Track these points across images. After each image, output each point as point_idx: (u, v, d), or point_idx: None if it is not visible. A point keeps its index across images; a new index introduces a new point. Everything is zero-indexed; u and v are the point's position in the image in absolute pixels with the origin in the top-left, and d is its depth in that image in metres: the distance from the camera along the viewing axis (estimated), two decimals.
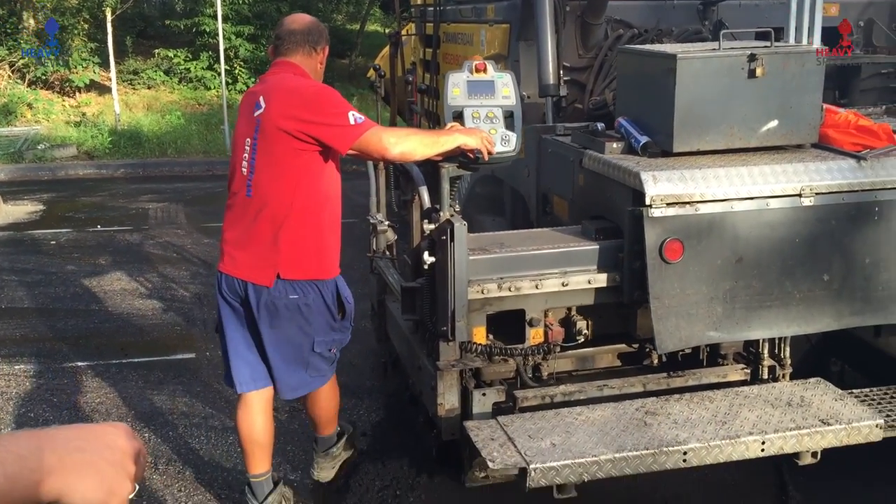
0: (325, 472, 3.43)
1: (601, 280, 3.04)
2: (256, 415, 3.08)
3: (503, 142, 2.97)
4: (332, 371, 3.18)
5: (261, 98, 2.84)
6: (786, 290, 3.00)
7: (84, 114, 12.75)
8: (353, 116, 2.77)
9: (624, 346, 3.28)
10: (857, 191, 3.03)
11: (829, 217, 3.02)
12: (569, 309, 3.12)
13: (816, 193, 2.99)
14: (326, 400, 3.25)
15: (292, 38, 2.96)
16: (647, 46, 3.64)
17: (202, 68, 14.55)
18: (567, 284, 3.01)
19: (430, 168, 3.13)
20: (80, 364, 4.76)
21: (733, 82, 3.08)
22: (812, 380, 3.18)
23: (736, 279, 2.96)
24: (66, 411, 4.15)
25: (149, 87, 14.51)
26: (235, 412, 3.15)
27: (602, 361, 3.33)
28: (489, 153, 2.92)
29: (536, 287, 2.99)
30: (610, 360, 3.34)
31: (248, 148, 2.84)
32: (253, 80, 14.90)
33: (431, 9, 5.73)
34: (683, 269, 2.91)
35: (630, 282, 2.98)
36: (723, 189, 2.93)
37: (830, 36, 4.72)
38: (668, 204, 2.88)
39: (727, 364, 3.31)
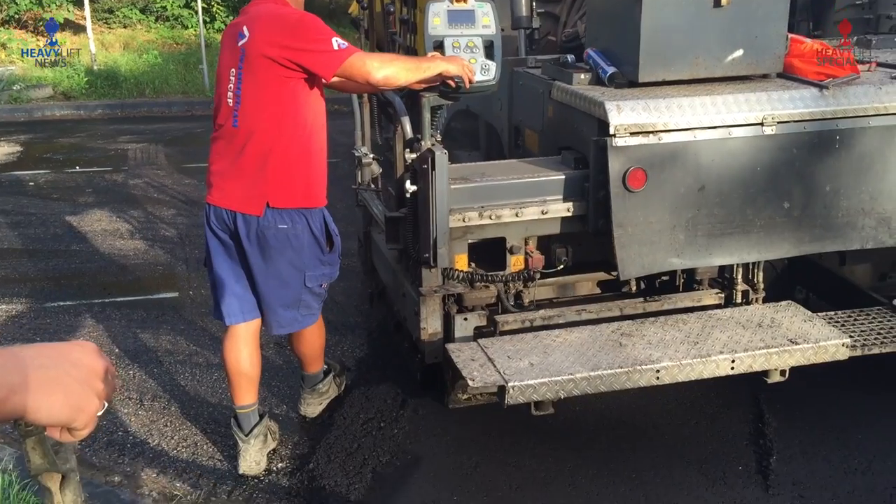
0: (312, 407, 3.50)
1: (570, 209, 3.13)
2: (243, 346, 3.13)
3: (483, 71, 3.02)
4: (320, 309, 3.25)
5: (244, 28, 2.85)
6: (747, 218, 3.10)
7: (59, 54, 12.54)
8: (337, 42, 2.79)
9: (603, 273, 3.40)
10: (818, 119, 3.11)
11: (790, 145, 3.10)
12: (549, 237, 3.22)
13: (778, 122, 3.07)
14: (313, 337, 3.31)
15: None
16: None
17: (179, 6, 14.30)
18: (547, 213, 3.11)
19: (411, 98, 3.18)
20: (62, 304, 4.81)
21: (699, 12, 3.12)
22: (783, 303, 3.32)
23: (698, 207, 3.05)
24: None
25: (125, 27, 14.27)
26: (222, 344, 3.20)
27: (582, 289, 3.45)
28: (470, 81, 2.96)
29: (517, 215, 3.10)
30: (590, 287, 3.46)
31: (232, 78, 2.86)
32: (231, 17, 14.66)
33: None
34: (646, 197, 2.99)
35: (595, 211, 3.07)
36: (686, 118, 3.00)
37: None
38: (631, 133, 2.95)
39: (702, 289, 3.45)
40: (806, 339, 3.01)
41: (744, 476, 3.07)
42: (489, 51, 3.05)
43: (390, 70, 2.84)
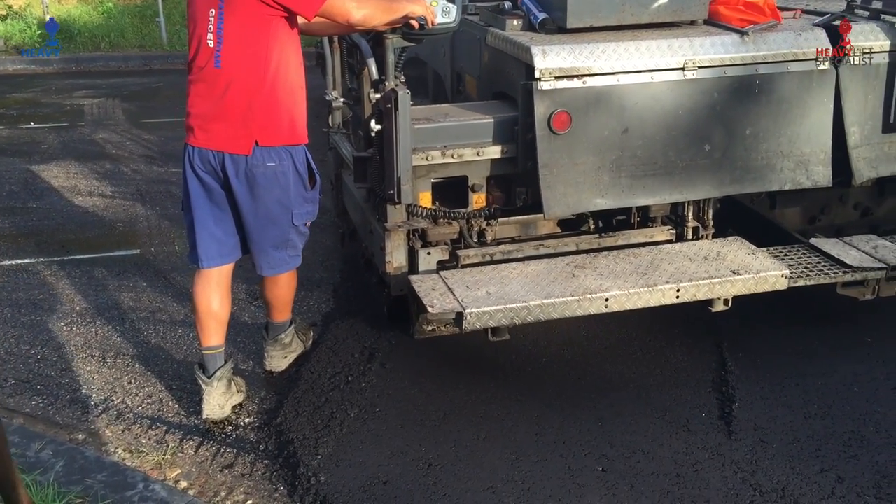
0: (276, 360, 3.55)
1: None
2: (216, 288, 3.24)
3: (444, 13, 3.18)
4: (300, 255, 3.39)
5: None
6: (670, 160, 3.31)
7: (10, 6, 12.44)
8: None
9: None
10: (738, 65, 3.31)
11: (711, 90, 3.30)
12: (510, 176, 3.40)
13: (699, 67, 3.26)
14: (287, 283, 3.42)
15: None
16: None
17: None
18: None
19: (375, 41, 3.33)
20: (20, 262, 4.85)
21: None
22: (730, 238, 3.58)
23: (622, 149, 3.26)
24: (7, 308, 4.24)
25: None
26: (193, 286, 3.24)
27: (544, 228, 3.68)
28: (431, 23, 3.13)
29: (478, 154, 3.31)
30: (551, 226, 3.70)
31: (212, 19, 2.93)
32: None
33: None
34: (571, 139, 3.19)
35: (523, 152, 3.26)
36: (610, 63, 3.18)
37: None
38: (556, 77, 3.14)
39: (655, 226, 3.70)
40: (748, 271, 3.27)
41: (706, 423, 3.16)
42: None
43: (367, 10, 2.99)
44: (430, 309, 3.03)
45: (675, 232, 3.67)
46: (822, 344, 3.67)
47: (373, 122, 3.20)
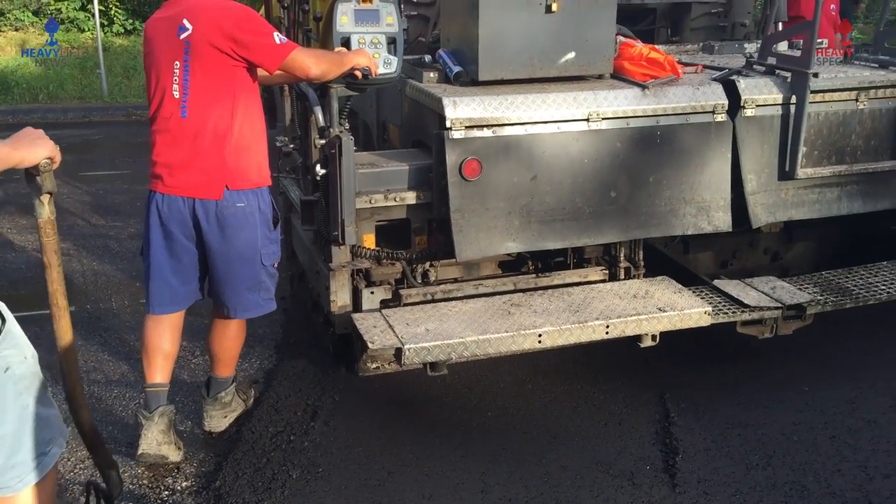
0: (216, 420, 3.55)
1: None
2: (167, 327, 3.35)
3: (385, 64, 3.43)
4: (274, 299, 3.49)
5: (184, 20, 3.05)
6: (577, 206, 3.55)
7: None
8: (278, 37, 3.14)
9: (504, 255, 3.80)
10: (640, 116, 3.58)
11: (615, 140, 3.56)
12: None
13: (603, 118, 3.52)
14: (236, 335, 3.48)
15: None
16: None
17: (74, 9, 14.31)
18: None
19: (322, 90, 3.55)
20: None
21: (532, 16, 3.55)
22: (659, 277, 3.82)
23: (531, 195, 3.48)
24: None
25: (16, 29, 14.21)
26: (143, 326, 3.35)
27: (485, 269, 3.91)
28: (374, 74, 3.37)
29: (418, 198, 3.52)
30: (492, 268, 3.92)
31: (177, 71, 3.09)
32: (130, 21, 14.76)
33: None
34: (482, 186, 3.41)
35: (438, 198, 3.47)
36: (518, 114, 3.43)
37: None
38: (467, 127, 3.37)
39: (589, 266, 3.95)
40: (673, 308, 3.50)
41: (651, 475, 3.22)
42: (392, 46, 3.47)
43: (324, 66, 3.22)
44: (370, 345, 3.22)
45: (607, 272, 3.92)
46: (761, 393, 3.78)
47: (318, 167, 3.43)
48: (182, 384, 3.97)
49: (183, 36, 3.07)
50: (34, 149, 2.11)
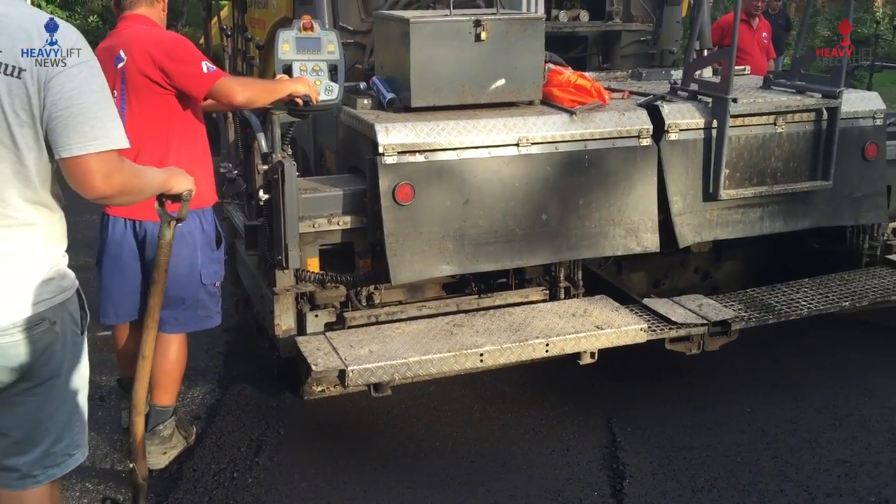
0: (155, 457, 3.45)
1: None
2: (130, 336, 3.49)
3: (327, 91, 3.51)
4: (218, 315, 3.56)
5: (120, 51, 3.19)
6: (509, 229, 3.64)
7: None
8: (206, 66, 3.22)
9: (448, 277, 3.87)
10: (568, 141, 3.70)
11: (544, 164, 3.67)
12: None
13: (533, 143, 3.64)
14: (177, 356, 3.47)
15: None
16: (390, 12, 4.18)
17: None
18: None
19: (264, 116, 3.63)
20: None
21: (462, 45, 3.67)
22: (597, 296, 3.92)
23: (464, 219, 3.57)
24: None
25: None
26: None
27: (430, 291, 3.98)
28: (315, 101, 3.44)
29: (359, 223, 3.59)
30: (437, 290, 3.99)
31: (115, 99, 3.17)
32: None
33: None
34: (415, 210, 3.49)
35: (373, 222, 3.54)
36: (449, 139, 3.52)
37: (595, 6, 5.48)
38: (399, 152, 3.45)
39: (530, 287, 4.03)
40: (610, 325, 3.60)
41: (599, 501, 3.22)
42: (333, 74, 3.54)
43: (251, 93, 3.30)
44: (314, 368, 3.27)
45: (548, 292, 4.01)
46: (706, 414, 3.84)
47: (261, 192, 3.50)
48: (118, 422, 3.82)
49: (119, 66, 3.21)
50: (183, 179, 2.46)
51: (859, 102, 4.19)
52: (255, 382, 4.13)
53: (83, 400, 2.26)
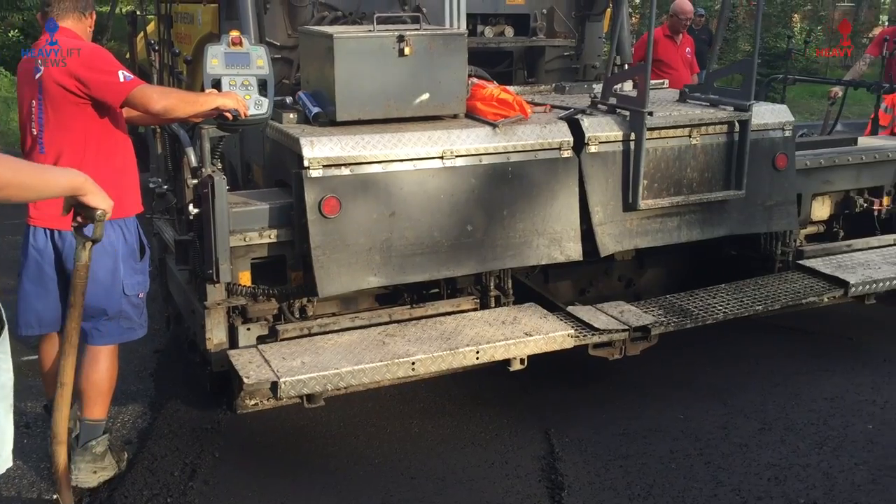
0: (85, 474, 3.38)
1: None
2: (51, 348, 3.45)
3: (256, 106, 3.50)
4: (142, 327, 3.52)
5: (38, 61, 3.19)
6: (435, 240, 3.71)
7: None
8: (123, 75, 3.20)
9: (381, 288, 3.91)
10: (492, 153, 3.80)
11: (469, 176, 3.76)
12: None
13: (457, 156, 3.72)
14: (107, 369, 3.42)
15: (62, 4, 3.35)
16: (315, 27, 4.23)
17: None
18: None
19: (194, 131, 3.63)
20: None
21: (386, 60, 3.74)
22: (526, 304, 4.00)
23: (391, 231, 3.63)
24: None
25: None
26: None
27: (363, 303, 4.01)
28: (244, 115, 3.44)
29: (292, 235, 3.61)
30: (370, 301, 4.03)
31: (33, 109, 3.23)
32: None
33: None
34: (342, 223, 3.53)
35: (300, 235, 3.57)
36: (374, 152, 3.58)
37: (520, 23, 5.62)
38: (325, 166, 3.50)
39: (462, 296, 4.10)
40: (539, 332, 3.69)
41: None
42: (262, 89, 3.54)
43: (169, 102, 3.28)
44: (246, 380, 3.28)
45: (479, 301, 4.08)
46: (640, 423, 3.90)
47: (191, 207, 3.51)
48: (46, 449, 3.57)
49: (37, 76, 3.23)
50: (100, 196, 2.33)
51: (769, 115, 4.39)
52: (189, 404, 4.07)
53: (1, 412, 2.17)
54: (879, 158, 4.92)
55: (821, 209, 4.94)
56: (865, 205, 4.96)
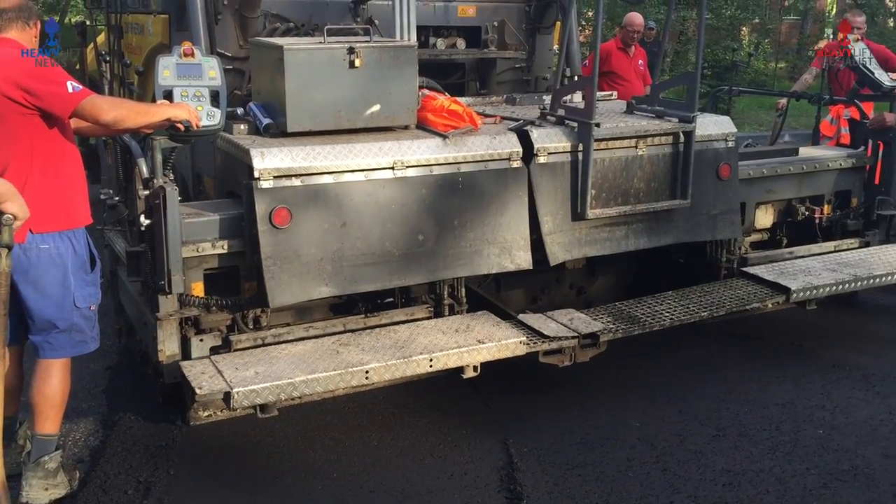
0: (36, 491, 3.33)
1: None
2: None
3: (209, 117, 3.49)
4: (95, 340, 3.45)
5: None
6: (387, 249, 3.75)
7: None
8: (72, 85, 3.16)
9: (336, 298, 3.92)
10: (442, 164, 3.85)
11: (420, 186, 3.80)
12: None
13: (408, 166, 3.76)
14: (59, 382, 3.37)
15: (5, 15, 3.29)
16: (265, 39, 4.26)
17: None
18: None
19: (146, 142, 3.62)
20: None
21: (337, 71, 3.77)
22: (479, 312, 4.05)
23: (342, 241, 3.65)
24: None
25: None
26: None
27: (318, 313, 4.01)
28: (196, 126, 3.42)
29: (244, 246, 3.61)
30: (325, 311, 4.04)
31: None
32: None
33: None
34: (293, 233, 3.55)
35: (250, 246, 3.58)
36: (325, 163, 3.61)
37: (471, 35, 5.70)
38: (275, 177, 3.51)
39: (416, 305, 4.13)
40: (491, 339, 3.74)
41: None
42: (215, 100, 3.54)
43: (119, 113, 3.25)
44: (198, 391, 3.27)
45: (433, 310, 4.12)
46: (598, 431, 3.93)
47: (143, 217, 3.50)
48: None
49: None
50: (21, 203, 2.32)
51: (713, 126, 4.51)
52: (142, 420, 4.01)
53: None
54: (819, 168, 5.08)
55: (764, 217, 5.08)
56: (807, 213, 5.12)
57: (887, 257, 4.97)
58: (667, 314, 4.25)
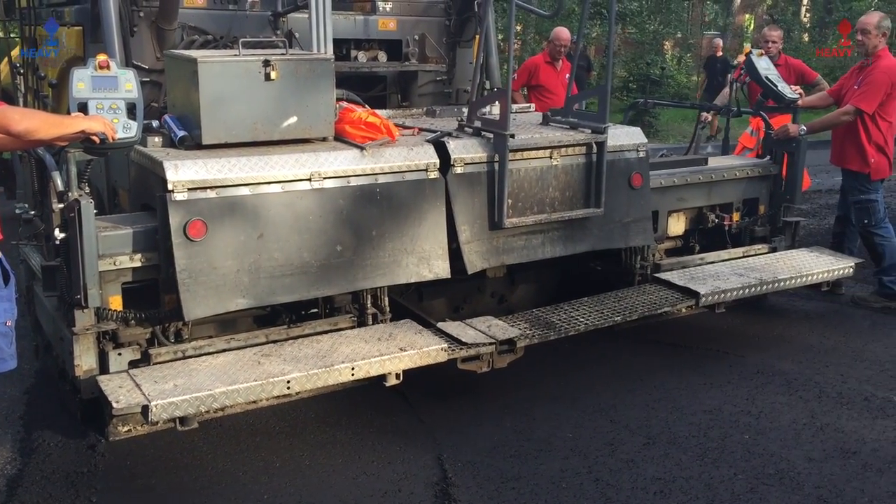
0: None
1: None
2: None
3: (125, 129, 3.47)
4: (13, 358, 3.30)
5: None
6: (305, 261, 3.77)
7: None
8: None
9: (259, 309, 3.92)
10: (360, 175, 3.89)
11: (337, 197, 3.84)
12: None
13: (325, 178, 3.80)
14: None
15: None
16: (180, 51, 4.25)
17: None
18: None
19: (61, 155, 3.59)
20: None
21: (252, 84, 3.79)
22: (402, 321, 4.09)
23: (259, 253, 3.66)
24: None
25: None
26: None
27: (241, 325, 4.01)
28: (112, 139, 3.38)
29: (159, 259, 3.59)
30: (248, 323, 4.04)
31: None
32: None
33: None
34: (208, 245, 3.54)
35: (165, 259, 3.56)
36: (241, 175, 3.62)
37: (392, 48, 5.76)
38: (189, 189, 3.51)
39: (339, 315, 4.14)
40: (413, 347, 3.79)
41: None
42: (131, 112, 3.51)
43: (31, 123, 3.17)
44: (115, 405, 3.24)
45: (356, 319, 4.14)
46: (532, 443, 3.95)
47: (58, 231, 3.46)
48: None
49: None
50: None
51: (624, 137, 4.67)
52: (62, 447, 3.88)
53: None
54: (728, 177, 5.30)
55: (676, 225, 5.27)
56: (717, 220, 5.33)
57: (792, 262, 5.20)
58: (582, 319, 4.37)
